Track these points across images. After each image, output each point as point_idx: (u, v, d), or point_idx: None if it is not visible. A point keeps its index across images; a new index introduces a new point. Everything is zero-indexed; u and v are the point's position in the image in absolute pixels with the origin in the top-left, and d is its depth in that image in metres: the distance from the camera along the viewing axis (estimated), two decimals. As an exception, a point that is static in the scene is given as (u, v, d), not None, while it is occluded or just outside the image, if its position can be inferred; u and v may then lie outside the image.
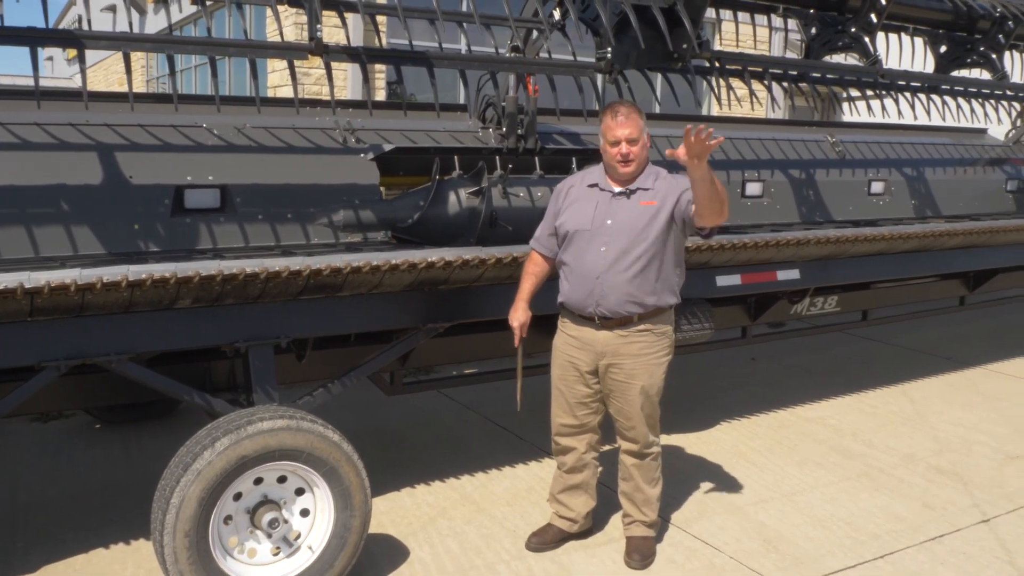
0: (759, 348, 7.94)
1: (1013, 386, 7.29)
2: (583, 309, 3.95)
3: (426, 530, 4.44)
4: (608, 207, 3.91)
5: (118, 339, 3.58)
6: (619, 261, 3.83)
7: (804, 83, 6.37)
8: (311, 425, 3.60)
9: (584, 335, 4.01)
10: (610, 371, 3.99)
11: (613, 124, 3.86)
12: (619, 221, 3.87)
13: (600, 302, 3.86)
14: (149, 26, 17.87)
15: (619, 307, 3.87)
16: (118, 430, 5.73)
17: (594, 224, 3.89)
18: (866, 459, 5.55)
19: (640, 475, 4.15)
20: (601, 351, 3.97)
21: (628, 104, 3.94)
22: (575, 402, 4.11)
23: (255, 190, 4.49)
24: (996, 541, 4.48)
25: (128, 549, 4.16)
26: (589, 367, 4.02)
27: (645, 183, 3.92)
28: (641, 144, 3.88)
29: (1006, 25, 6.73)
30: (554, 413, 4.20)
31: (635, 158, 3.86)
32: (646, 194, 3.90)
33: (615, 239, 3.85)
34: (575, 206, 3.99)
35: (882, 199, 7.55)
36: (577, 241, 3.94)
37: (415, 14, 4.67)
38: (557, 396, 4.17)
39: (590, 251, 3.89)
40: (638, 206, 3.88)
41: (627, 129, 3.84)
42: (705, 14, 5.04)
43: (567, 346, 4.08)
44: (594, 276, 3.85)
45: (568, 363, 4.07)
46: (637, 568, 4.10)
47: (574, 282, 3.96)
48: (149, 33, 9.37)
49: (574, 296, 3.97)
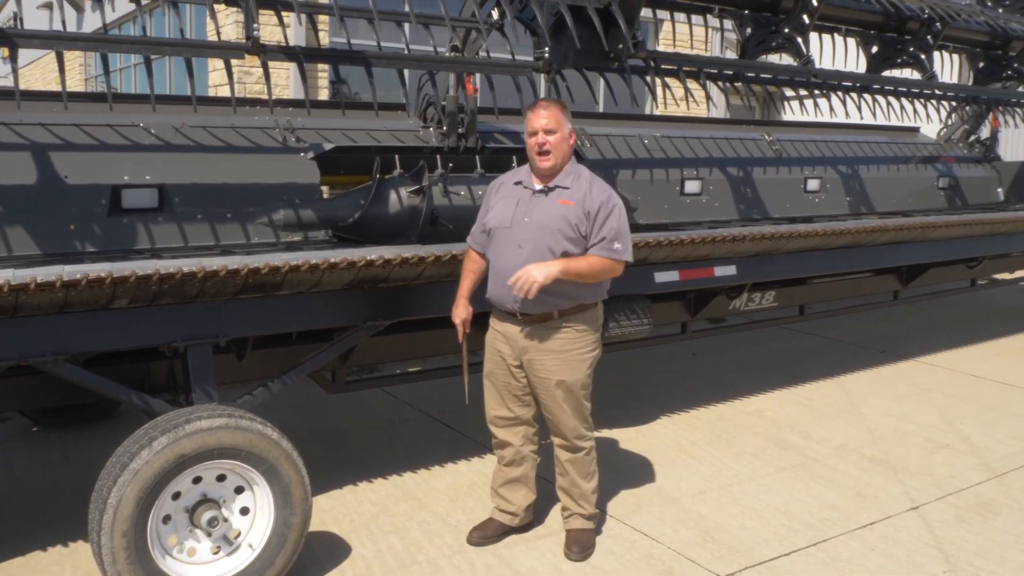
0: (699, 343, 8.09)
1: (944, 377, 7.50)
2: (503, 305, 4.03)
3: (368, 527, 4.46)
4: (528, 205, 3.96)
5: (53, 340, 3.55)
6: (534, 258, 3.84)
7: (739, 82, 6.48)
8: (250, 423, 3.61)
9: (507, 330, 4.07)
10: (532, 366, 4.04)
11: (532, 116, 3.93)
12: (535, 219, 3.91)
13: (517, 298, 3.88)
14: (87, 24, 17.56)
15: (537, 304, 3.90)
16: (56, 433, 5.66)
17: (513, 222, 3.94)
18: (802, 450, 5.68)
19: (574, 470, 4.21)
20: (523, 346, 4.02)
21: (551, 100, 4.01)
22: (507, 394, 4.17)
23: (194, 190, 4.48)
24: (925, 527, 4.62)
25: (66, 551, 4.13)
26: (515, 361, 4.08)
27: (564, 181, 3.95)
28: (560, 137, 3.90)
29: (934, 26, 6.91)
30: (488, 405, 4.26)
31: (552, 149, 3.89)
32: (564, 192, 3.93)
33: (531, 236, 3.89)
34: (500, 204, 4.05)
35: (818, 196, 7.73)
36: (497, 238, 4.00)
37: (352, 13, 4.68)
38: (489, 388, 4.23)
39: (508, 249, 3.94)
40: (555, 204, 3.91)
41: (544, 120, 3.89)
42: (640, 14, 5.12)
43: (495, 340, 4.15)
44: (510, 273, 3.88)
45: (497, 356, 4.14)
46: (577, 560, 4.16)
47: (494, 279, 4.03)
48: (87, 32, 9.23)
49: (495, 293, 4.03)
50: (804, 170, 7.71)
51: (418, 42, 5.29)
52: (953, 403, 6.75)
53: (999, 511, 4.81)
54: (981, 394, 7.01)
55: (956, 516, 4.74)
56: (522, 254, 3.88)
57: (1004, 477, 5.29)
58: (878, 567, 4.17)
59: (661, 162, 6.66)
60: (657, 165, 6.62)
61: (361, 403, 6.27)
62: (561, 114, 3.93)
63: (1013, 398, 6.92)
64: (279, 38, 4.34)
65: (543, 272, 3.74)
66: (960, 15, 7.08)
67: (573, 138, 4.01)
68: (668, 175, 6.64)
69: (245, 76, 11.97)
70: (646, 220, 6.39)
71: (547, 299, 3.87)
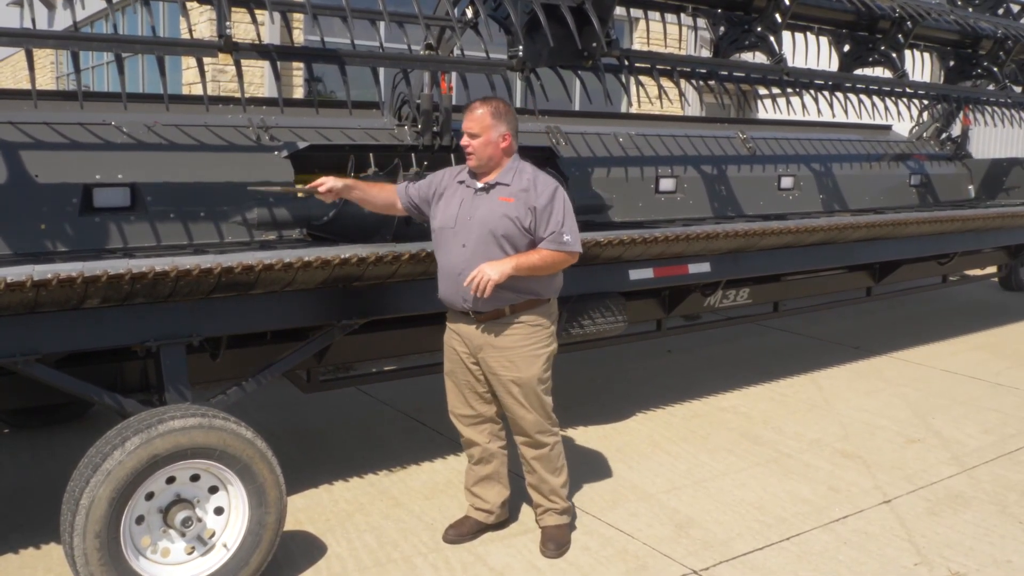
0: (674, 340, 8.12)
1: (916, 372, 7.58)
2: (454, 305, 4.06)
3: (343, 526, 4.46)
4: (471, 203, 3.98)
5: (24, 340, 3.52)
6: (478, 256, 3.86)
7: (712, 81, 6.51)
8: (223, 423, 3.60)
9: (461, 329, 4.10)
10: (488, 363, 4.06)
11: (464, 117, 3.99)
12: (478, 217, 3.92)
13: (466, 297, 3.90)
14: (60, 22, 17.40)
15: (488, 301, 3.88)
16: (27, 434, 5.61)
17: (457, 222, 3.96)
18: (775, 445, 5.72)
19: (541, 466, 4.22)
20: (478, 343, 4.04)
21: (486, 101, 4.01)
22: (468, 392, 4.19)
23: (166, 188, 4.46)
24: (896, 520, 4.66)
25: (38, 554, 4.09)
26: (471, 359, 4.10)
27: (505, 178, 3.97)
28: (483, 140, 3.92)
29: (905, 25, 6.96)
30: (451, 404, 4.29)
31: (474, 152, 3.94)
32: (505, 189, 3.95)
33: (475, 235, 3.90)
34: (442, 203, 4.06)
35: (792, 194, 7.78)
36: (442, 238, 4.01)
37: (325, 11, 4.67)
38: (451, 387, 4.26)
39: (453, 248, 3.96)
40: (496, 201, 3.93)
41: (469, 122, 3.95)
42: (614, 13, 5.13)
43: (451, 339, 4.18)
44: (457, 272, 3.91)
45: (454, 354, 4.16)
46: (552, 557, 4.17)
47: (442, 279, 4.05)
48: (58, 29, 9.15)
49: (446, 292, 4.06)
50: (778, 168, 7.77)
51: (392, 40, 5.29)
52: (924, 398, 6.82)
53: (969, 504, 4.87)
54: (952, 389, 7.09)
55: (927, 509, 4.80)
56: (465, 253, 3.90)
57: (974, 471, 5.35)
58: (851, 560, 4.21)
59: (636, 160, 6.68)
60: (632, 163, 6.64)
61: (336, 402, 6.26)
62: (491, 117, 3.94)
63: (983, 392, 7.00)
64: (253, 36, 4.33)
65: (497, 270, 3.76)
66: (930, 14, 7.14)
67: (508, 140, 3.98)
68: (643, 173, 6.67)
69: (219, 74, 11.92)
70: (621, 218, 6.42)
71: (499, 294, 3.86)
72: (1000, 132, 12.70)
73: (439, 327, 5.16)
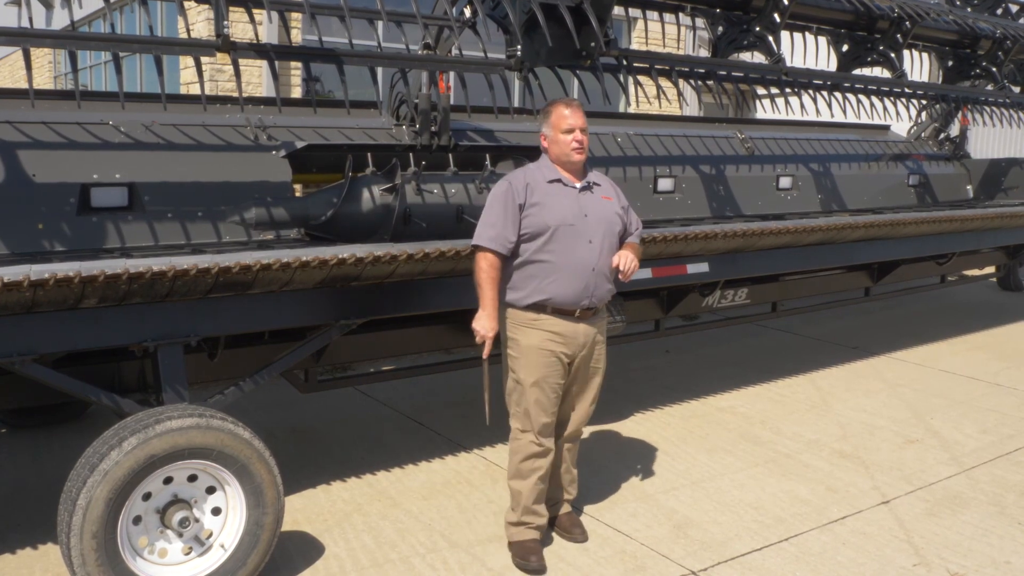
0: (673, 340, 8.12)
1: (914, 372, 7.58)
2: (577, 303, 3.98)
3: (341, 526, 4.45)
4: (578, 202, 4.02)
5: (21, 340, 3.51)
6: (604, 253, 4.01)
7: (711, 81, 6.51)
8: (221, 423, 3.59)
9: (567, 329, 4.00)
10: (590, 360, 4.14)
11: (568, 113, 4.01)
12: (595, 215, 4.03)
13: (594, 293, 4.00)
14: (57, 21, 17.37)
15: (605, 296, 4.09)
16: (25, 434, 5.60)
17: (577, 219, 3.98)
18: (774, 445, 5.72)
19: (571, 457, 4.36)
20: (583, 342, 4.06)
21: (573, 99, 4.14)
22: (554, 398, 4.06)
23: (164, 188, 4.45)
24: (895, 521, 4.66)
25: (35, 554, 4.09)
26: (571, 360, 4.08)
27: (594, 179, 4.15)
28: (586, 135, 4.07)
29: (904, 25, 6.97)
30: (535, 417, 4.01)
31: (586, 146, 4.06)
32: (600, 189, 4.13)
33: (597, 232, 4.00)
34: (547, 201, 3.96)
35: (790, 194, 7.78)
36: (562, 236, 3.93)
37: (323, 11, 4.67)
38: (539, 397, 4.01)
39: (579, 245, 3.95)
40: (601, 200, 4.08)
41: (579, 119, 4.02)
42: (613, 12, 5.13)
43: (550, 343, 3.98)
44: (589, 269, 3.96)
45: (554, 359, 4.00)
46: (582, 541, 4.30)
47: (565, 278, 3.93)
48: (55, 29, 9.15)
49: (566, 292, 3.94)
50: (776, 168, 7.76)
51: (390, 40, 5.28)
52: (923, 398, 6.82)
53: (968, 504, 4.87)
54: (950, 389, 7.09)
55: (925, 510, 4.79)
56: (594, 249, 3.98)
57: (972, 471, 5.35)
58: (849, 561, 4.21)
59: (634, 160, 6.68)
60: (630, 163, 6.64)
61: (334, 402, 6.25)
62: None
63: (982, 393, 7.01)
64: (251, 36, 4.32)
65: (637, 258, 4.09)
66: (929, 14, 7.14)
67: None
68: (641, 173, 6.66)
69: (217, 74, 11.89)
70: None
71: (610, 288, 4.10)
72: (998, 132, 12.72)
73: (438, 327, 5.17)
